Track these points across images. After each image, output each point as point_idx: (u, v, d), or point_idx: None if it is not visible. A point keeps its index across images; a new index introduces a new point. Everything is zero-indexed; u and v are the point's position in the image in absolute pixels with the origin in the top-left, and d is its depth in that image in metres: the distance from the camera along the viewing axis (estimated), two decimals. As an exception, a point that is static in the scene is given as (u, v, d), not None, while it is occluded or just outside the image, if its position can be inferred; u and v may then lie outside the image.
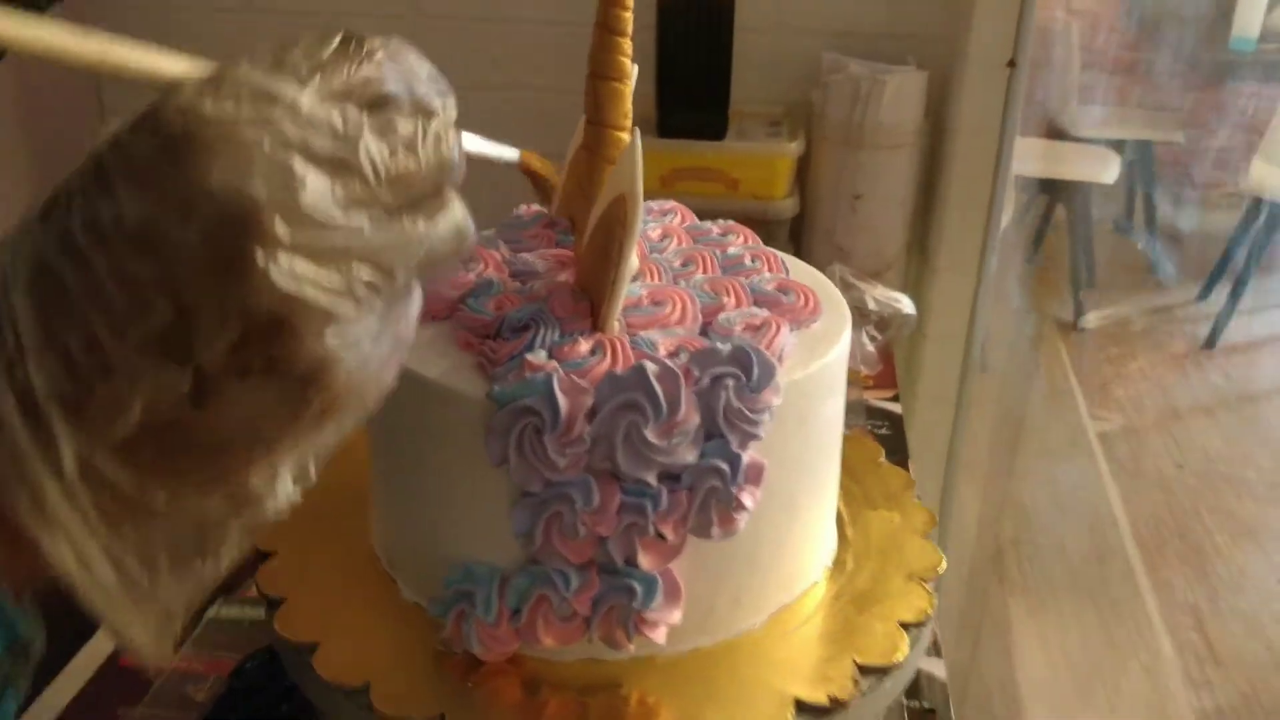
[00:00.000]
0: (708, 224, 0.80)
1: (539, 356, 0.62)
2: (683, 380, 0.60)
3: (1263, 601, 2.66)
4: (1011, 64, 1.45)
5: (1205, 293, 4.20)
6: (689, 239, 0.77)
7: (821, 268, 0.80)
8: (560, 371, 0.61)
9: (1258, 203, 4.04)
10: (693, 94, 1.52)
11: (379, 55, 0.40)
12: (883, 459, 0.86)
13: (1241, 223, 4.09)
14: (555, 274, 0.70)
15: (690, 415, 0.61)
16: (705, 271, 0.72)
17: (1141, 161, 4.39)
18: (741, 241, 0.77)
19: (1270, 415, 3.57)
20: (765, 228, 1.54)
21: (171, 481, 0.38)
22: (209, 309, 0.36)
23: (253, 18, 1.90)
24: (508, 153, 0.50)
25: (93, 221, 0.36)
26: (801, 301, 0.69)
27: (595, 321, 0.64)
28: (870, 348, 1.32)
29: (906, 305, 1.35)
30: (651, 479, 0.61)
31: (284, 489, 0.40)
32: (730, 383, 0.61)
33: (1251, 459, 3.25)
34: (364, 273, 0.38)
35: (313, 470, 0.41)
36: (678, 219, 0.80)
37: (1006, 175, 1.49)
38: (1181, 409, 3.49)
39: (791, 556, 0.70)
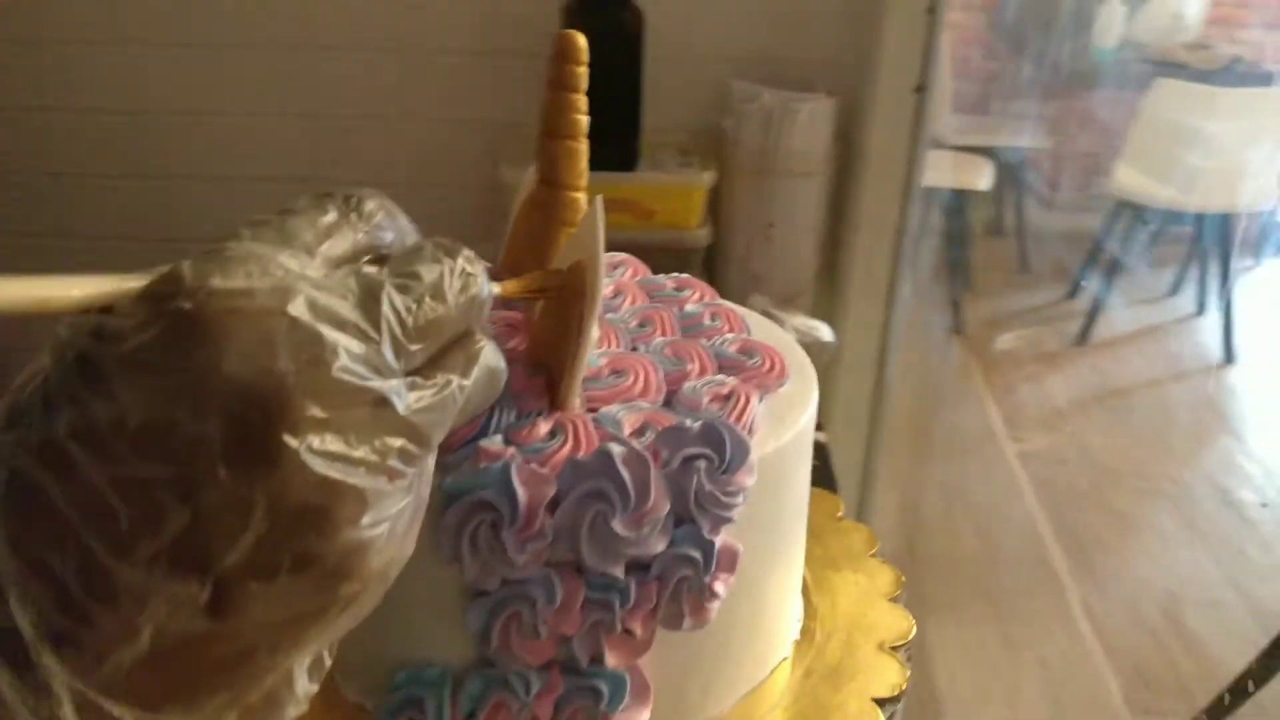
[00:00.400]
0: (661, 278, 0.73)
1: (494, 442, 0.55)
2: (652, 464, 0.54)
3: (1146, 593, 2.69)
4: (919, 89, 1.42)
5: (1074, 291, 4.28)
6: (643, 295, 0.70)
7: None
8: (519, 459, 0.54)
9: (1122, 204, 4.12)
10: (603, 124, 1.44)
11: (378, 214, 0.36)
12: (841, 514, 0.80)
13: (1106, 224, 4.17)
14: (505, 340, 0.63)
15: (661, 503, 0.54)
16: (664, 334, 0.65)
17: (1011, 167, 4.44)
18: (698, 298, 0.70)
19: (1141, 408, 3.64)
20: (680, 257, 1.49)
21: (185, 707, 0.32)
22: (232, 508, 0.30)
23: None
24: None
25: (84, 425, 0.29)
26: (767, 365, 0.63)
27: (554, 399, 0.57)
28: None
29: (826, 333, 1.31)
30: (619, 572, 0.54)
31: (302, 687, 0.34)
32: (702, 464, 0.55)
33: (1126, 452, 3.31)
34: (399, 443, 0.33)
35: (328, 659, 0.35)
36: (629, 272, 0.73)
37: (916, 200, 1.45)
38: (1060, 405, 3.54)
39: (763, 636, 0.64)
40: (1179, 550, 2.84)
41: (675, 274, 0.74)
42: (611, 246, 0.75)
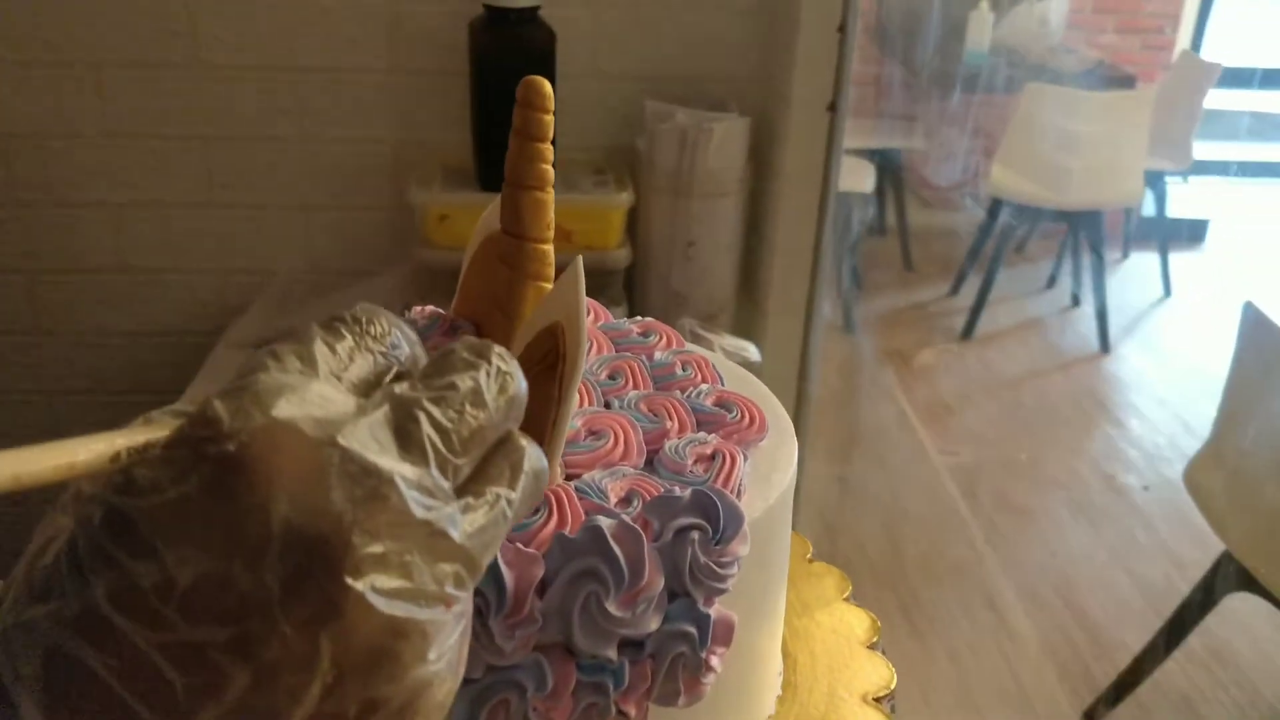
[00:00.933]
0: (624, 322, 0.68)
1: (474, 522, 0.50)
2: (644, 539, 0.49)
3: (1042, 576, 2.72)
4: (832, 108, 1.39)
5: (956, 288, 4.33)
6: (609, 344, 0.65)
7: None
8: (501, 539, 0.49)
9: (998, 203, 4.19)
10: (518, 145, 1.40)
11: (391, 331, 0.34)
12: (810, 555, 0.76)
13: (985, 222, 4.23)
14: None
15: (655, 579, 0.50)
16: (637, 386, 0.61)
17: (892, 168, 4.49)
18: (665, 344, 0.66)
19: (1026, 397, 3.70)
20: (600, 278, 1.45)
21: None
22: (297, 662, 0.27)
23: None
24: None
25: (126, 591, 0.26)
26: (746, 420, 0.59)
27: (532, 470, 0.52)
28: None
29: (753, 353, 1.28)
30: (612, 654, 0.50)
31: None
32: (695, 535, 0.51)
33: (1015, 440, 3.35)
34: (453, 569, 0.30)
35: None
36: (590, 317, 0.68)
37: (831, 216, 1.43)
38: (950, 399, 3.57)
39: (750, 697, 0.61)
40: (1071, 535, 2.89)
41: (638, 317, 0.69)
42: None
